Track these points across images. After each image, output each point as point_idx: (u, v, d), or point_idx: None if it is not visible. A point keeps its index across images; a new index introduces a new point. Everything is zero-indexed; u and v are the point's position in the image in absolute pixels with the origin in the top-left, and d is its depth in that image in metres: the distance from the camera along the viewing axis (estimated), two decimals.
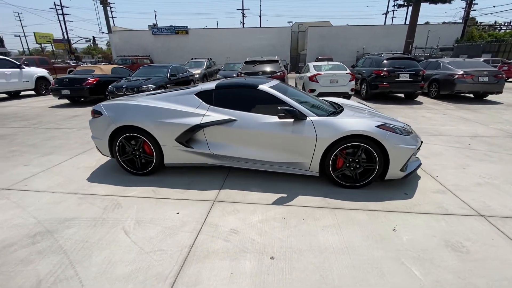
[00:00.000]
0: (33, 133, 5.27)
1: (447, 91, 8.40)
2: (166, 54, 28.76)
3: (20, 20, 55.67)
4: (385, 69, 8.09)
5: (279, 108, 2.67)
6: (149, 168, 3.16)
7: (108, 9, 55.90)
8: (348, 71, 8.46)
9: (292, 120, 2.79)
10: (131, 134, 3.06)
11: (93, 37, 46.59)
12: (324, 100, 3.96)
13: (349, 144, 2.68)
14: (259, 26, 40.63)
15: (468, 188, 2.83)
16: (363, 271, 1.75)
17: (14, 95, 11.14)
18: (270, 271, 1.76)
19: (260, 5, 59.67)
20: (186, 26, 28.32)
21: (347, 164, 2.77)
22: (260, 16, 58.32)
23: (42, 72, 11.39)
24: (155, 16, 73.81)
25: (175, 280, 1.69)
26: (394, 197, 2.66)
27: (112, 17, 53.92)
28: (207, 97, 3.10)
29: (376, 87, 8.24)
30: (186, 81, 10.55)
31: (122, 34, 29.60)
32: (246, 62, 8.43)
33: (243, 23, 51.57)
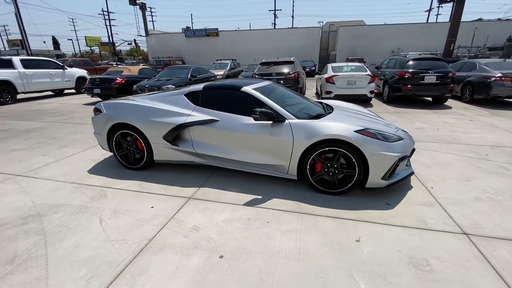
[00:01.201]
0: (61, 127, 5.89)
1: (482, 95, 7.57)
2: (197, 55, 29.90)
3: (74, 25, 62.06)
4: (408, 70, 7.55)
5: (253, 110, 2.68)
6: (141, 164, 3.37)
7: (149, 13, 59.69)
8: (368, 72, 8.07)
9: (271, 122, 2.78)
10: (125, 131, 3.29)
11: (134, 39, 50.04)
12: (319, 102, 3.85)
13: (327, 149, 2.59)
14: (291, 26, 40.31)
15: (463, 203, 2.56)
16: (306, 279, 1.70)
17: (59, 92, 12.48)
18: (214, 270, 1.79)
19: (293, 6, 59.10)
20: (217, 29, 29.18)
21: (325, 169, 2.68)
22: (292, 17, 57.77)
23: (82, 72, 12.60)
24: (191, 19, 76.99)
25: (124, 268, 1.81)
26: (373, 207, 2.52)
27: (153, 21, 57.53)
28: (194, 98, 3.22)
29: (399, 89, 7.73)
30: (208, 81, 10.91)
31: (158, 37, 31.47)
32: (262, 64, 8.47)
33: (274, 24, 51.65)
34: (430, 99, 8.80)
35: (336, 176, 2.67)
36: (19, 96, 10.09)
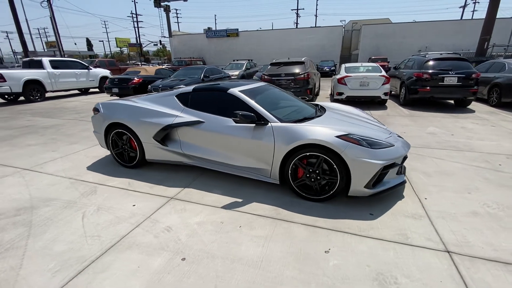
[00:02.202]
0: (76, 124, 6.27)
1: (510, 98, 6.92)
2: (218, 56, 30.41)
3: (106, 28, 65.79)
4: (427, 71, 7.10)
5: (234, 112, 2.65)
6: (134, 162, 3.48)
7: (174, 15, 61.55)
8: (383, 73, 7.71)
9: (254, 125, 2.75)
10: (120, 130, 3.42)
11: (160, 40, 51.94)
12: (314, 104, 3.74)
13: (307, 154, 2.51)
14: (314, 26, 39.63)
15: (455, 217, 2.36)
16: None
17: (84, 91, 13.30)
18: (172, 272, 1.80)
19: (316, 4, 57.99)
20: (237, 29, 29.44)
21: (307, 175, 2.59)
22: (316, 16, 56.77)
23: (105, 72, 13.31)
24: (215, 19, 78.46)
25: (90, 264, 1.88)
26: (354, 216, 2.39)
27: (178, 22, 59.44)
28: (184, 99, 3.27)
29: (416, 91, 7.29)
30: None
31: (181, 38, 32.42)
32: (272, 64, 8.40)
33: (296, 23, 51.09)
34: (452, 102, 8.22)
35: (319, 182, 2.57)
36: (47, 95, 10.89)
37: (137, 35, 51.15)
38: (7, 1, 16.23)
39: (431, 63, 7.25)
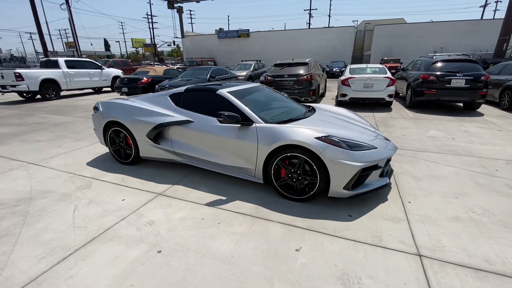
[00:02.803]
0: (84, 122, 6.56)
1: None
2: (228, 56, 30.68)
3: (122, 28, 67.79)
4: (433, 72, 6.93)
5: (218, 112, 2.73)
6: (130, 159, 3.64)
7: (188, 16, 62.27)
8: (388, 74, 7.58)
9: (239, 125, 2.82)
10: (117, 128, 3.58)
11: (173, 41, 52.99)
12: (306, 106, 3.76)
13: (288, 154, 2.55)
14: (327, 26, 39.20)
15: (435, 222, 2.33)
16: (226, 282, 1.72)
17: (98, 90, 13.81)
18: (146, 263, 1.90)
19: (330, 4, 57.34)
20: (248, 30, 29.62)
21: (289, 175, 2.64)
22: (329, 16, 56.15)
23: (117, 72, 13.76)
24: (228, 20, 79.14)
25: (73, 253, 2.02)
26: (332, 217, 2.42)
27: (191, 23, 60.37)
28: (177, 99, 3.39)
29: (421, 93, 7.12)
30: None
31: (193, 39, 32.95)
32: (275, 65, 8.44)
33: (309, 23, 50.71)
34: (461, 105, 7.97)
35: (300, 183, 2.61)
36: (62, 93, 11.40)
37: (152, 36, 52.42)
38: (29, 3, 17.08)
39: (438, 64, 7.07)
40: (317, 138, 2.44)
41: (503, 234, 2.15)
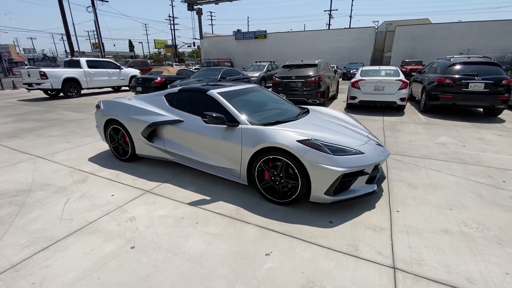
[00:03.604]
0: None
1: None
2: (245, 57, 30.85)
3: (146, 30, 70.34)
4: (449, 75, 6.55)
5: (203, 113, 2.75)
6: (127, 156, 3.76)
7: (208, 17, 63.46)
8: (400, 77, 7.28)
9: (225, 126, 2.82)
10: (115, 126, 3.72)
11: (193, 42, 54.19)
12: (301, 108, 3.70)
13: (271, 157, 2.52)
14: (348, 27, 38.32)
15: (421, 233, 2.20)
16: (189, 282, 1.73)
17: (117, 89, 14.41)
18: (118, 257, 1.96)
19: (352, 5, 55.98)
20: (265, 31, 29.64)
21: (272, 178, 2.60)
22: (350, 17, 54.93)
23: (135, 72, 14.29)
24: (248, 21, 79.72)
25: (54, 243, 2.11)
26: (312, 223, 2.36)
27: (212, 25, 61.47)
28: (171, 99, 3.46)
29: (436, 98, 6.76)
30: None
31: (211, 40, 33.51)
32: (284, 66, 8.38)
33: (329, 24, 49.88)
34: (481, 110, 7.48)
35: (283, 186, 2.57)
36: (83, 91, 12.02)
37: (173, 37, 53.95)
38: (59, 7, 18.19)
39: (455, 67, 6.68)
40: (299, 141, 2.39)
41: (494, 251, 1.99)
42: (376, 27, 28.21)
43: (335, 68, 21.39)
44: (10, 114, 7.72)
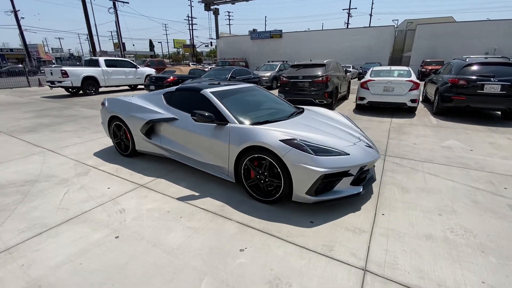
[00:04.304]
0: None
1: None
2: (260, 57, 30.90)
3: (166, 30, 72.21)
4: (463, 76, 6.26)
5: (193, 111, 2.83)
6: (128, 152, 3.94)
7: (226, 17, 64.26)
8: (412, 78, 7.04)
9: (215, 124, 2.90)
10: (118, 123, 3.91)
11: (211, 42, 54.96)
12: (297, 107, 3.70)
13: (256, 155, 2.56)
14: (368, 26, 37.31)
15: (402, 238, 2.16)
16: (161, 272, 1.82)
17: (133, 88, 14.96)
18: (102, 246, 2.09)
19: (372, 3, 54.35)
20: (281, 30, 29.53)
21: (257, 176, 2.65)
22: (370, 15, 53.46)
23: (150, 71, 14.76)
24: (265, 21, 79.76)
25: (48, 229, 2.28)
26: (292, 222, 2.38)
27: (229, 24, 62.07)
28: (168, 97, 3.58)
29: (449, 99, 6.48)
30: (248, 83, 11.38)
31: (227, 40, 33.85)
32: (292, 66, 8.35)
33: (347, 23, 48.82)
34: (499, 113, 7.08)
35: (267, 184, 2.61)
36: (100, 89, 12.59)
37: (191, 37, 55.00)
38: (82, 8, 19.14)
39: (470, 67, 6.36)
40: (282, 140, 2.41)
41: (475, 259, 1.92)
42: (396, 26, 27.27)
43: (352, 67, 20.95)
44: (32, 110, 8.26)
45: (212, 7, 31.46)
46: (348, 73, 10.43)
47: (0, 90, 13.88)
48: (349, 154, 2.50)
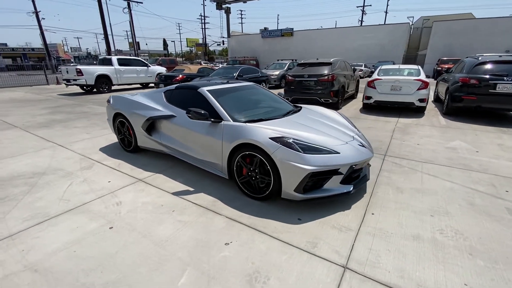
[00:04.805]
0: None
1: None
2: (271, 55, 30.82)
3: (179, 29, 73.18)
4: (475, 75, 6.04)
5: (188, 109, 2.91)
6: (131, 147, 4.08)
7: (239, 16, 64.36)
8: (420, 77, 6.86)
9: (209, 122, 2.97)
10: (121, 120, 4.06)
11: (223, 41, 55.31)
12: (294, 106, 3.72)
13: (247, 153, 2.61)
14: (383, 23, 36.38)
15: (388, 237, 2.15)
16: (146, 262, 1.91)
17: (145, 86, 15.32)
18: (96, 235, 2.20)
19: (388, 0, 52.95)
20: (292, 29, 29.33)
21: (249, 173, 2.70)
22: (386, 12, 52.15)
23: (162, 69, 15.05)
24: (277, 19, 79.41)
25: (49, 219, 2.43)
26: (281, 218, 2.41)
27: (242, 23, 62.23)
28: (168, 95, 3.69)
29: (459, 99, 6.27)
30: (256, 81, 11.44)
31: (238, 38, 33.97)
32: (299, 65, 8.31)
33: (361, 21, 47.84)
34: None
35: (259, 181, 2.65)
36: (113, 87, 12.98)
37: (204, 36, 55.54)
38: (98, 8, 19.76)
39: (483, 66, 6.13)
40: (272, 138, 2.45)
41: (461, 261, 1.89)
42: (411, 23, 26.46)
43: (364, 66, 20.57)
44: (48, 106, 8.65)
45: (223, 5, 31.65)
46: (356, 72, 10.25)
47: (20, 88, 14.59)
48: (339, 153, 2.50)
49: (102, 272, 1.81)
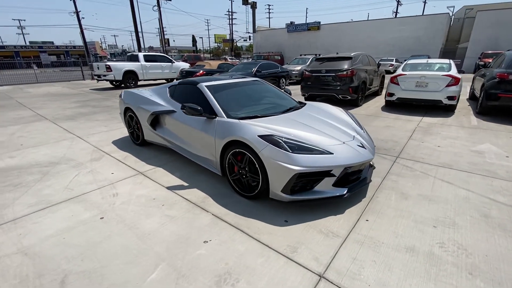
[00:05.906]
0: None
1: None
2: (296, 50, 30.16)
3: (208, 26, 74.59)
4: None
5: (182, 104, 2.91)
6: (139, 141, 4.23)
7: (266, 10, 63.84)
8: (451, 72, 6.25)
9: (205, 118, 2.95)
10: (131, 114, 4.21)
11: (249, 36, 55.28)
12: (298, 102, 3.58)
13: (237, 150, 2.56)
14: (421, 14, 33.89)
15: (378, 247, 1.98)
16: (125, 253, 1.95)
17: (170, 81, 15.87)
18: (86, 224, 2.31)
19: None
20: (319, 22, 28.35)
21: (240, 171, 2.64)
22: (424, 2, 48.54)
23: (185, 65, 15.45)
24: (306, 13, 77.46)
25: (51, 206, 2.59)
26: (266, 219, 2.34)
27: (269, 18, 61.67)
28: (172, 91, 3.74)
29: (496, 97, 5.61)
30: (276, 77, 11.28)
31: (263, 33, 33.68)
32: (316, 59, 8.00)
33: (396, 12, 45.00)
34: None
35: (248, 179, 2.59)
36: (139, 83, 13.60)
37: (231, 32, 55.97)
38: (130, 7, 20.72)
39: None
40: (260, 136, 2.37)
41: (458, 281, 1.68)
42: (452, 14, 24.22)
43: (395, 61, 19.31)
44: (78, 100, 9.31)
45: (250, 0, 31.49)
46: (380, 67, 9.62)
47: (58, 83, 15.87)
48: (332, 153, 2.35)
49: (83, 261, 1.89)
